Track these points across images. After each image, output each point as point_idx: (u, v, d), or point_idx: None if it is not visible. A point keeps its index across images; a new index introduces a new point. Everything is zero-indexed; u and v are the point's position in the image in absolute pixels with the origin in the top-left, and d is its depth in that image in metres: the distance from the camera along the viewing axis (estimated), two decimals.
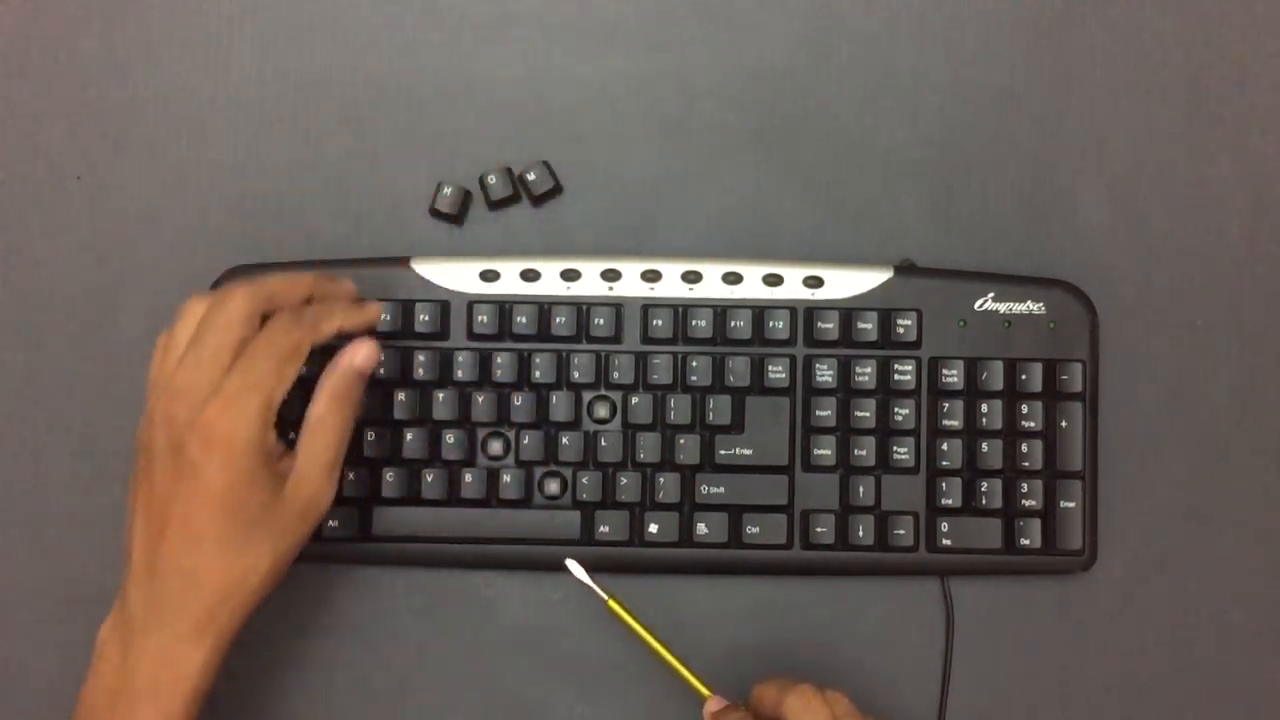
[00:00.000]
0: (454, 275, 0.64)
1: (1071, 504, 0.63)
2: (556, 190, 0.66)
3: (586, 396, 0.63)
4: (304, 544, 0.56)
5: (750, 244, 0.67)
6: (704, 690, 0.59)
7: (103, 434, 0.65)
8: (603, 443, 0.63)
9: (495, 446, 0.63)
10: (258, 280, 0.55)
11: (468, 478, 0.63)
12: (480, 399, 0.63)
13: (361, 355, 0.57)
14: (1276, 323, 0.67)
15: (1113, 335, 0.66)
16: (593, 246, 0.66)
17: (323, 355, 0.57)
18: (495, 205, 0.67)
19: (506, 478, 0.63)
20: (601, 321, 0.63)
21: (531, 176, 0.66)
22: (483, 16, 0.67)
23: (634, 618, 0.60)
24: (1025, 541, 0.63)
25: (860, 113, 0.67)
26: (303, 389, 0.56)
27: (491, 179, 0.66)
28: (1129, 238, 0.67)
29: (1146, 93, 0.68)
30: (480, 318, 0.63)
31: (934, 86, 0.67)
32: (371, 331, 0.59)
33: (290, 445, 0.57)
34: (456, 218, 0.66)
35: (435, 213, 0.66)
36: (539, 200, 0.67)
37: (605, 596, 0.60)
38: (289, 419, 0.56)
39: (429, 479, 0.63)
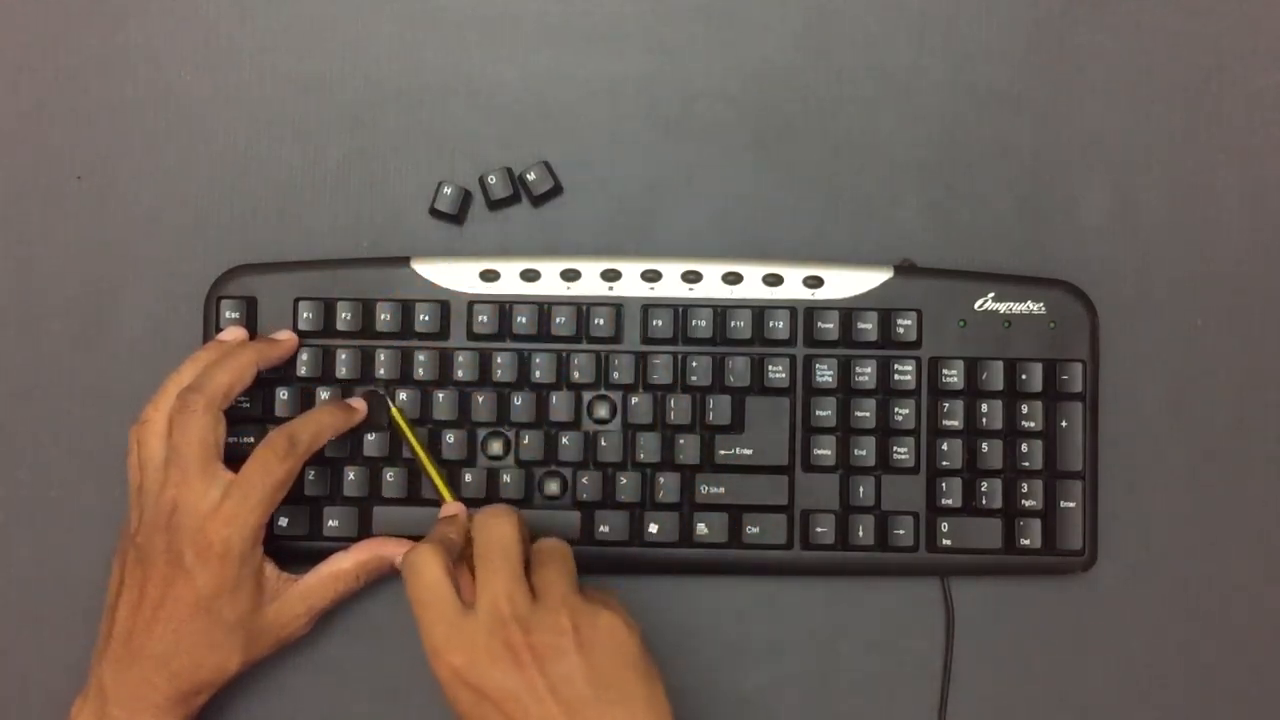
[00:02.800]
0: (454, 275, 0.64)
1: (1071, 504, 0.63)
2: (556, 190, 0.66)
3: (586, 396, 0.63)
4: (271, 652, 0.61)
5: (750, 244, 0.67)
6: (448, 496, 0.61)
7: (103, 434, 0.65)
8: (603, 443, 0.63)
9: (495, 446, 0.63)
10: (205, 384, 0.59)
11: (468, 478, 0.63)
12: (480, 399, 0.63)
13: (400, 560, 0.60)
14: (1276, 323, 0.67)
15: (1113, 335, 0.66)
16: (593, 246, 0.66)
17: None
18: (495, 205, 0.67)
19: (506, 478, 0.63)
20: (601, 321, 0.63)
21: (531, 176, 0.66)
22: (483, 16, 0.67)
23: (405, 421, 0.62)
24: (1025, 541, 0.63)
25: (860, 113, 0.67)
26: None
27: (491, 179, 0.66)
28: (1129, 238, 0.67)
29: (1146, 93, 0.68)
30: (480, 318, 0.63)
31: (934, 86, 0.67)
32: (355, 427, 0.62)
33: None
34: (456, 218, 0.66)
35: (435, 213, 0.66)
36: (539, 200, 0.67)
37: (391, 404, 0.62)
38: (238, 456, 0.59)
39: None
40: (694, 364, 0.63)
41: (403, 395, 0.63)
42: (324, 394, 0.63)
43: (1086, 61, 0.68)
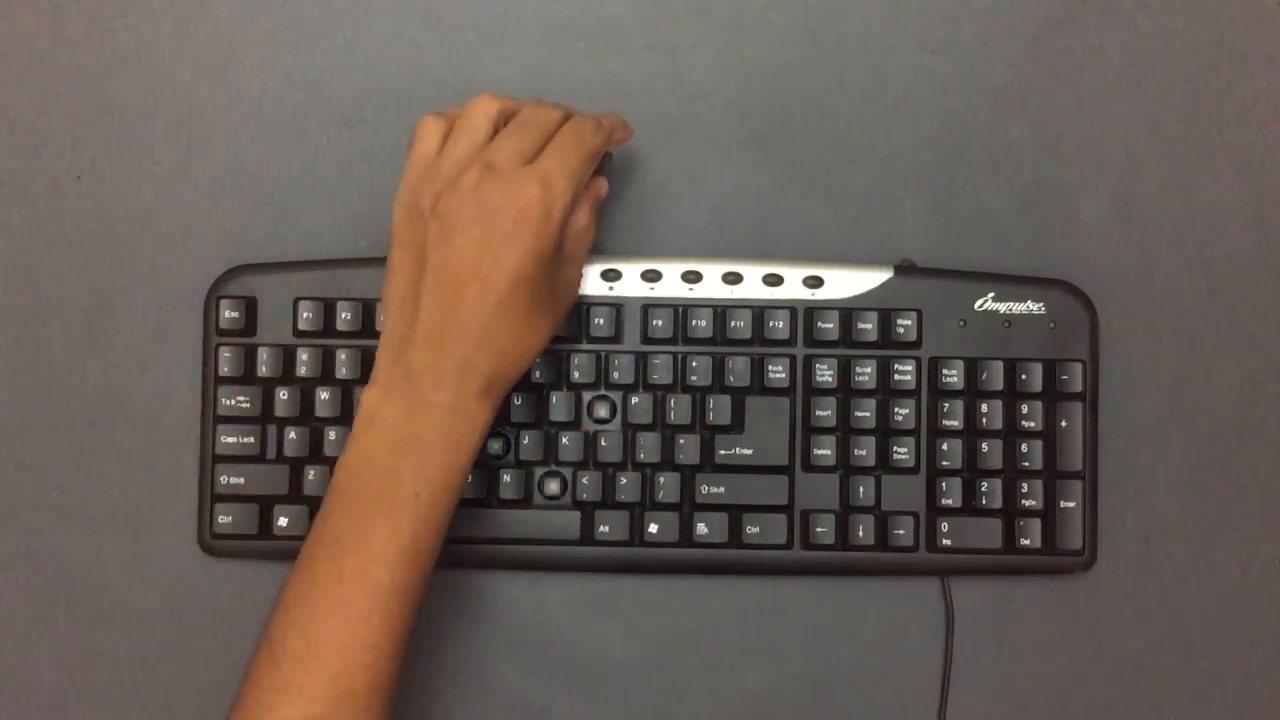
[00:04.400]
0: None
1: (1071, 504, 0.63)
2: None
3: (586, 396, 0.63)
4: (561, 326, 0.59)
5: (750, 244, 0.67)
6: None
7: (103, 434, 0.65)
8: (603, 443, 0.63)
9: (495, 446, 0.63)
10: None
11: (468, 478, 0.63)
12: None
13: (606, 187, 0.61)
14: (1277, 323, 0.67)
15: (1113, 335, 0.66)
16: (593, 246, 0.66)
17: None
18: None
19: (506, 478, 0.63)
20: (601, 321, 0.63)
21: None
22: (483, 16, 0.67)
23: None
24: (1025, 541, 0.63)
25: (860, 113, 0.67)
26: None
27: None
28: (1129, 238, 0.67)
29: (1146, 93, 0.68)
30: None
31: (934, 86, 0.67)
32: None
33: None
34: None
35: None
36: None
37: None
38: None
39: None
40: (694, 364, 0.63)
41: None
42: (324, 394, 0.63)
43: (1086, 61, 0.68)
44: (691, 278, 0.64)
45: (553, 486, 0.63)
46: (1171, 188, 0.67)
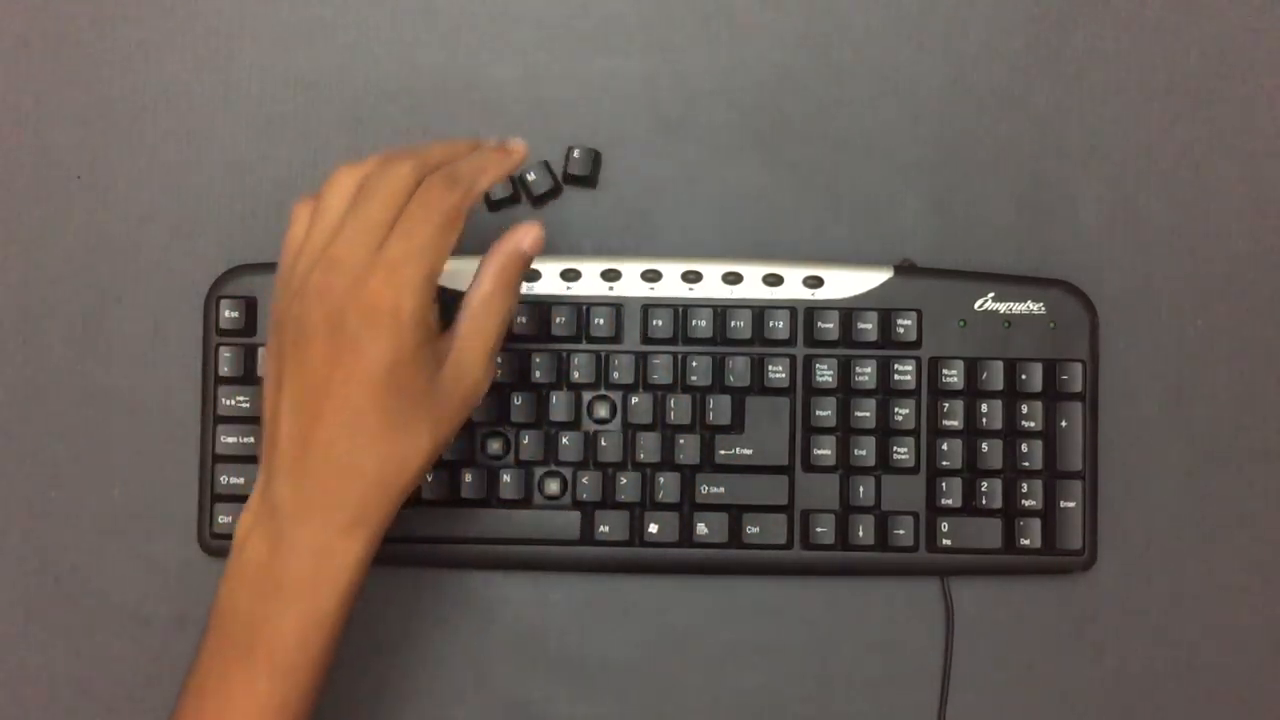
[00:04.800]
0: (454, 275, 0.64)
1: (1071, 504, 0.63)
2: (556, 190, 0.66)
3: (586, 396, 0.63)
4: (458, 432, 0.53)
5: (750, 244, 0.67)
6: None
7: (103, 434, 0.65)
8: (603, 443, 0.63)
9: (495, 446, 0.63)
10: (419, 147, 0.52)
11: (468, 478, 0.63)
12: None
13: (530, 239, 0.53)
14: (1276, 323, 0.67)
15: (1113, 335, 0.66)
16: (593, 246, 0.66)
17: None
18: (495, 205, 0.66)
19: (506, 478, 0.63)
20: (601, 321, 0.63)
21: (531, 176, 0.66)
22: (483, 16, 0.67)
23: None
24: (1025, 541, 0.63)
25: (860, 113, 0.67)
26: None
27: None
28: (1129, 238, 0.67)
29: (1146, 93, 0.67)
30: None
31: (934, 86, 0.67)
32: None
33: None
34: None
35: None
36: (539, 200, 0.67)
37: None
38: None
39: (429, 479, 0.63)
40: (694, 364, 0.63)
41: None
42: None
43: (1086, 61, 0.67)
44: (691, 278, 0.64)
45: (553, 486, 0.63)
46: (1171, 188, 0.67)
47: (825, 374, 0.63)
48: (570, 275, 0.63)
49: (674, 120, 0.67)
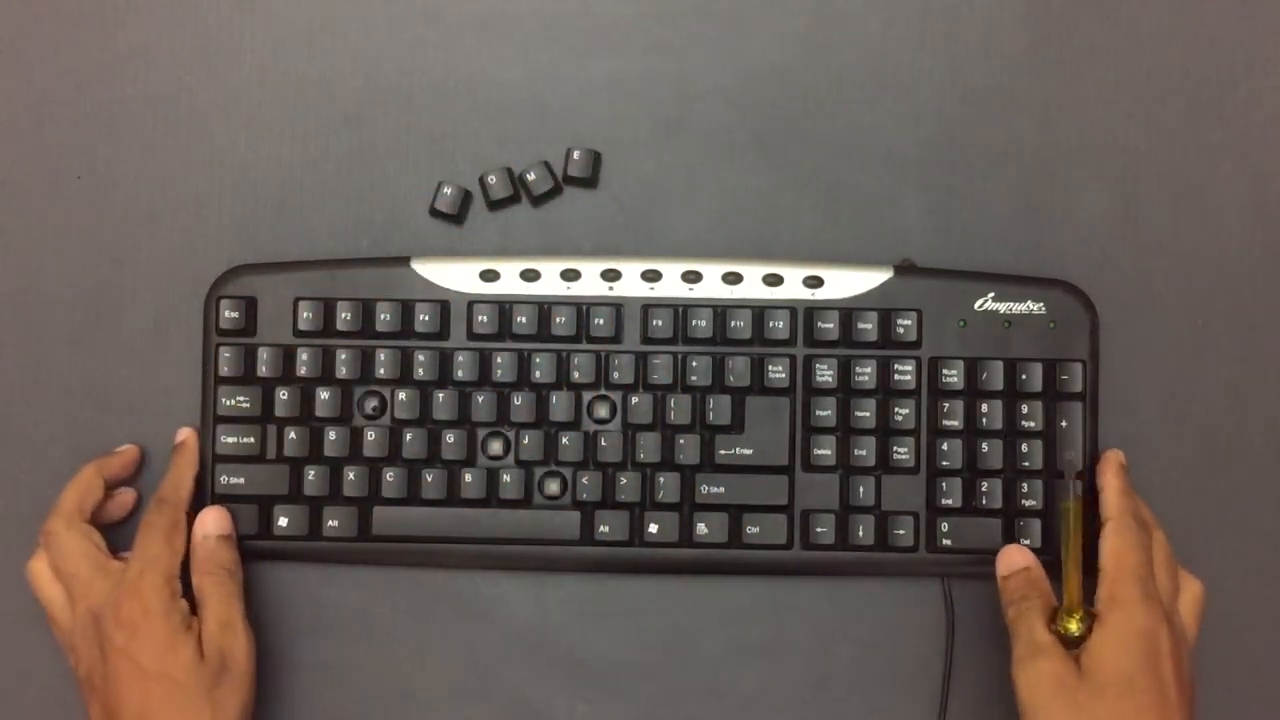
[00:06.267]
0: (454, 275, 0.64)
1: None
2: (556, 190, 0.66)
3: (586, 396, 0.63)
4: (248, 696, 0.59)
5: (750, 244, 0.67)
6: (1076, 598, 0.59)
7: (103, 434, 0.65)
8: (603, 443, 0.63)
9: (495, 446, 0.63)
10: (57, 504, 0.62)
11: (468, 478, 0.63)
12: (480, 399, 0.63)
13: (210, 523, 0.61)
14: (1276, 323, 0.67)
15: (1113, 335, 0.66)
16: (593, 246, 0.66)
17: None
18: (495, 205, 0.66)
19: (506, 478, 0.63)
20: (601, 321, 0.63)
21: (531, 176, 0.66)
22: (483, 16, 0.67)
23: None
24: (1025, 541, 0.63)
25: (860, 113, 0.67)
26: None
27: (491, 179, 0.66)
28: (1129, 238, 0.67)
29: (1146, 93, 0.67)
30: (480, 318, 0.63)
31: (934, 86, 0.67)
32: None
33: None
34: (456, 218, 0.66)
35: (435, 213, 0.66)
36: (539, 200, 0.67)
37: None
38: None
39: (429, 479, 0.63)
40: (694, 364, 0.63)
41: (402, 395, 0.63)
42: (324, 394, 0.63)
43: (1086, 61, 0.67)
44: (691, 278, 0.64)
45: (553, 486, 0.63)
46: (1171, 188, 0.67)
47: (825, 374, 0.63)
48: (570, 275, 0.63)
49: (674, 120, 0.67)
